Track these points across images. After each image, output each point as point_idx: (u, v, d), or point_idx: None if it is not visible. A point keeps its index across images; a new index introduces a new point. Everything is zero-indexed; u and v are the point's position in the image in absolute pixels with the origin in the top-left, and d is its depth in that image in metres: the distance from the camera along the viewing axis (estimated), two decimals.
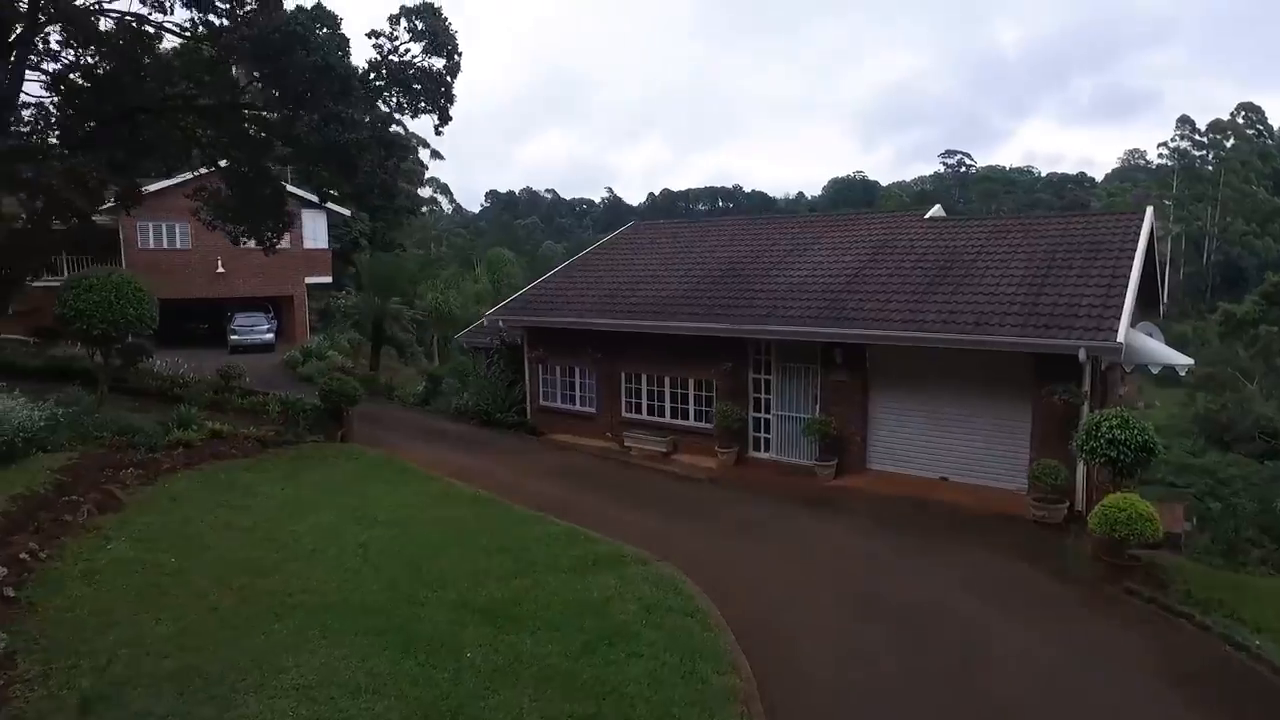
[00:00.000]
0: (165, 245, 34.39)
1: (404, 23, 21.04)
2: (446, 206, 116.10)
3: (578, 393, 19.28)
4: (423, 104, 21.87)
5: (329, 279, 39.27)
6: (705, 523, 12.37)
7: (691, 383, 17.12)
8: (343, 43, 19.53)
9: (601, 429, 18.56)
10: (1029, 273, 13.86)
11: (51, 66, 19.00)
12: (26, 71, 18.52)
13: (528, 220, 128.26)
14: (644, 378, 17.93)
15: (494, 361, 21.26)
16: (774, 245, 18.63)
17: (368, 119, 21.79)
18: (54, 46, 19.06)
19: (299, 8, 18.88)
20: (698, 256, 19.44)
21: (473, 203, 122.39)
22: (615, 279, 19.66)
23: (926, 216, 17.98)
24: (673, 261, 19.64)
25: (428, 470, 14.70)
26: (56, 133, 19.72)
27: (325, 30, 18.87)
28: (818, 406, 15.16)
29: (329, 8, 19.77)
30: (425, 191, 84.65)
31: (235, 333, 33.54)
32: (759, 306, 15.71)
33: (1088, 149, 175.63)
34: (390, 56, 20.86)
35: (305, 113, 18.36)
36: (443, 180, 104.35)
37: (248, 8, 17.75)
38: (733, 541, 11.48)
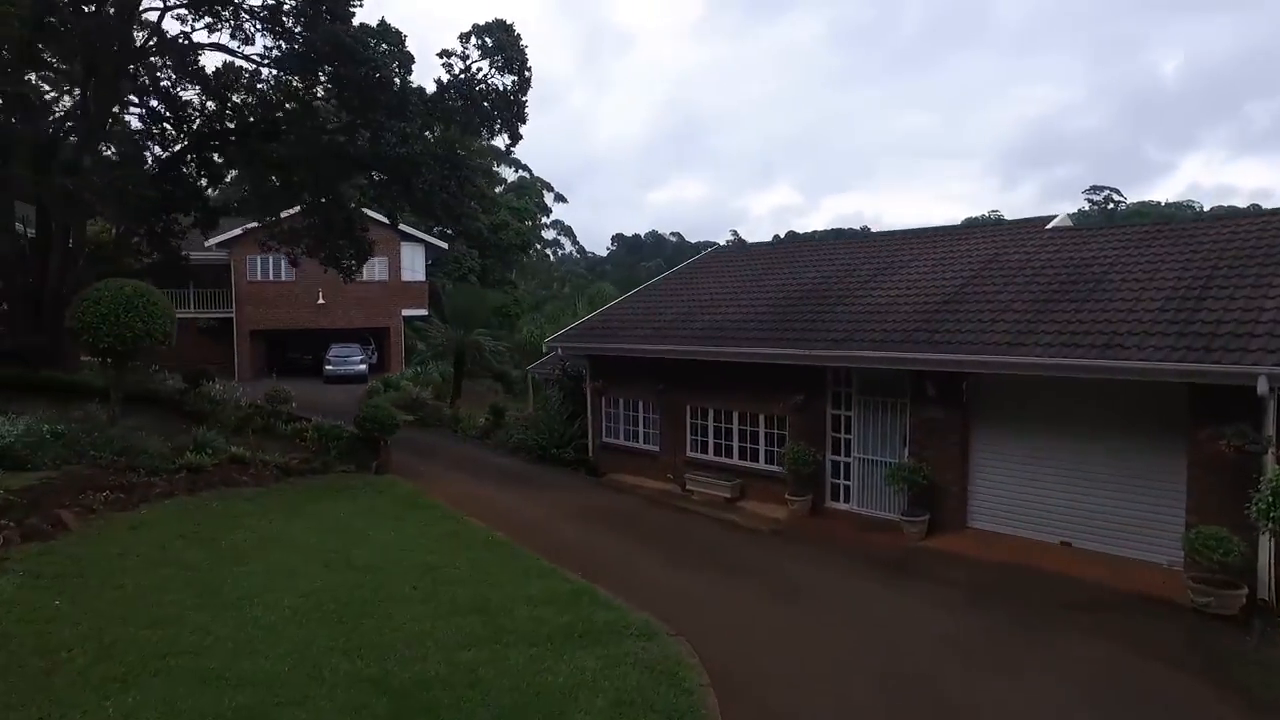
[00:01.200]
0: (270, 277, 35.38)
1: (474, 40, 20.27)
2: (570, 249, 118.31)
3: (641, 428, 17.32)
4: (496, 123, 20.99)
5: (425, 311, 39.40)
6: (753, 584, 10.02)
7: (762, 419, 14.81)
8: (405, 60, 18.89)
9: (664, 470, 16.49)
10: (1182, 284, 10.84)
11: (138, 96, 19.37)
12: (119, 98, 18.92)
13: (651, 262, 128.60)
14: (709, 413, 15.77)
15: (555, 393, 19.68)
16: (863, 264, 16.16)
17: (433, 136, 21.13)
18: (146, 77, 19.48)
19: (362, 24, 18.40)
20: (777, 280, 17.22)
21: (600, 246, 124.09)
22: (682, 304, 17.70)
23: (1049, 226, 15.04)
24: (748, 286, 17.49)
25: (452, 507, 13.14)
26: (148, 156, 20.04)
27: (385, 47, 18.26)
28: (906, 449, 12.53)
29: (396, 27, 19.27)
30: (549, 234, 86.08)
31: (330, 363, 33.83)
32: (837, 330, 13.32)
33: (1266, 179, 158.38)
34: (460, 76, 20.11)
35: (361, 126, 17.72)
36: (566, 223, 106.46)
37: (315, 25, 17.36)
38: (779, 610, 9.08)
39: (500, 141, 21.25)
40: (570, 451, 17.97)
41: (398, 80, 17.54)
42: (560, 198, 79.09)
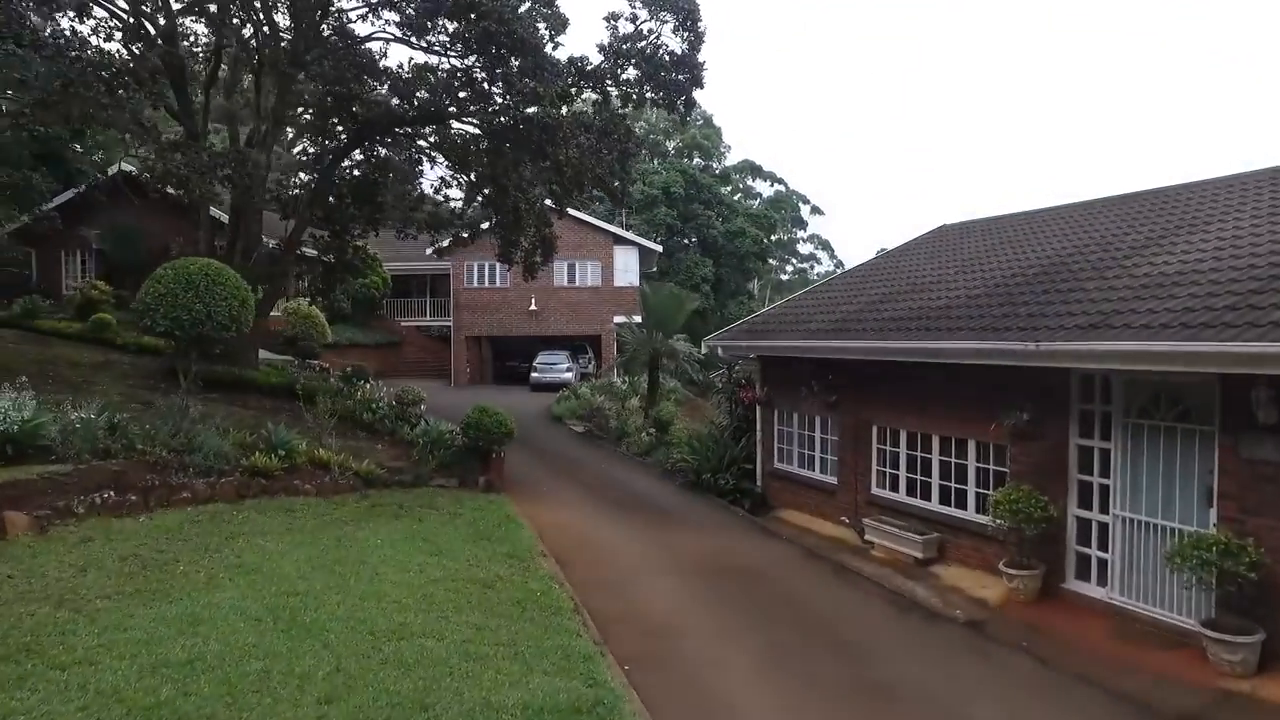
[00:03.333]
0: (485, 284, 35.57)
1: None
2: (828, 262, 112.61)
3: (816, 453, 13.23)
4: (672, 90, 18.12)
5: (640, 319, 37.51)
6: None
7: (971, 447, 10.14)
8: (556, 22, 16.63)
9: (840, 510, 12.30)
10: None
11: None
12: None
13: None
14: (901, 436, 11.34)
15: (720, 405, 16.13)
16: (1135, 228, 10.76)
17: (591, 106, 18.74)
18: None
19: None
20: (1009, 254, 12.30)
21: (861, 258, 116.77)
22: (872, 292, 13.37)
23: None
24: (969, 264, 12.73)
25: (536, 543, 10.37)
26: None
27: (529, 4, 16.12)
28: (1213, 511, 7.36)
29: None
30: (805, 248, 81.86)
31: (536, 370, 33.02)
32: (1086, 313, 8.41)
33: None
34: (626, 44, 17.53)
35: (497, 88, 15.67)
36: (823, 237, 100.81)
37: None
38: None
39: (672, 113, 18.19)
40: (729, 478, 14.28)
41: (538, 36, 15.24)
42: (817, 210, 74.40)
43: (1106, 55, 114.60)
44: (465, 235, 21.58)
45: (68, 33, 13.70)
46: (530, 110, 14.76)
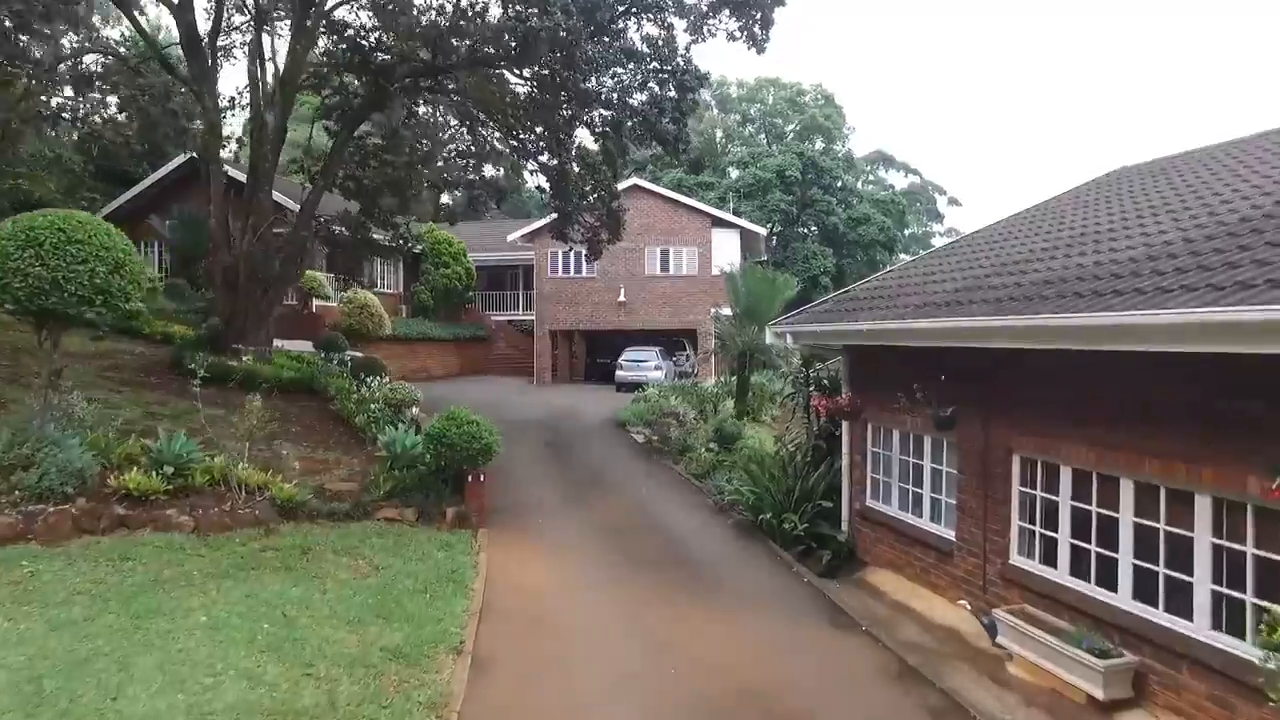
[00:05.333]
0: (570, 273, 32.43)
1: None
2: None
3: (926, 490, 8.85)
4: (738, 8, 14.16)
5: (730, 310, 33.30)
6: None
7: (1203, 508, 5.56)
8: None
9: (959, 581, 7.94)
10: None
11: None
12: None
13: None
14: (1063, 475, 6.82)
15: (795, 416, 11.86)
16: None
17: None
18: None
19: None
20: (1202, 198, 7.52)
21: None
22: (1014, 250, 8.86)
23: None
24: (1145, 213, 8.01)
25: (469, 622, 6.64)
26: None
27: None
28: None
29: None
30: (939, 242, 74.81)
31: (621, 368, 29.36)
32: None
33: None
34: None
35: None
36: (961, 230, 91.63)
37: None
38: None
39: (742, 46, 14.16)
40: (798, 520, 10.03)
41: None
42: (954, 201, 67.42)
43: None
44: (488, 200, 18.25)
45: None
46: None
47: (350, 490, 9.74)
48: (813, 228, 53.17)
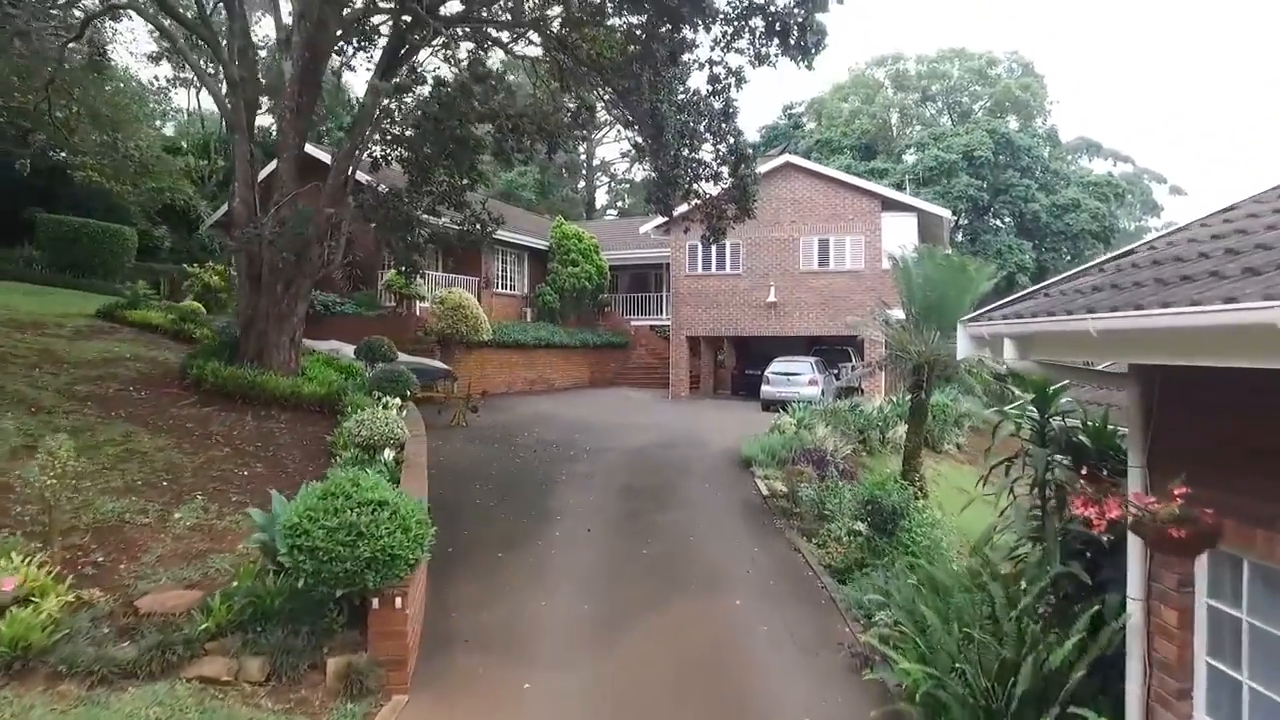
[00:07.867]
0: (713, 270, 27.82)
1: None
2: None
3: None
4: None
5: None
6: None
7: None
8: None
9: None
10: None
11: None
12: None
13: None
14: None
15: (1016, 504, 6.42)
16: None
17: None
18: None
19: None
20: None
21: None
22: None
23: None
24: None
25: None
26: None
27: None
28: None
29: None
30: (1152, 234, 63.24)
31: (769, 382, 24.23)
32: None
33: None
34: None
35: None
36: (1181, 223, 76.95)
37: None
38: None
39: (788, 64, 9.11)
40: None
41: None
42: (1176, 190, 56.16)
43: None
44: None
45: None
46: None
47: (181, 606, 5.77)
48: (1006, 217, 45.12)
